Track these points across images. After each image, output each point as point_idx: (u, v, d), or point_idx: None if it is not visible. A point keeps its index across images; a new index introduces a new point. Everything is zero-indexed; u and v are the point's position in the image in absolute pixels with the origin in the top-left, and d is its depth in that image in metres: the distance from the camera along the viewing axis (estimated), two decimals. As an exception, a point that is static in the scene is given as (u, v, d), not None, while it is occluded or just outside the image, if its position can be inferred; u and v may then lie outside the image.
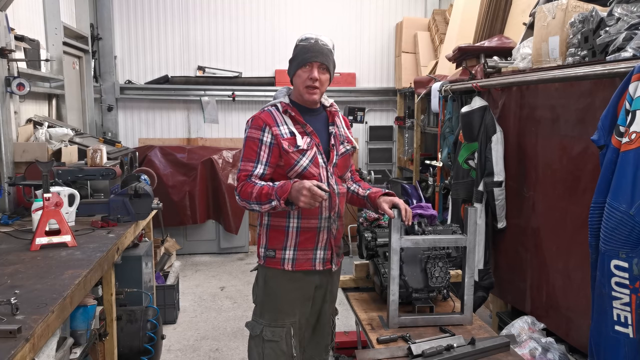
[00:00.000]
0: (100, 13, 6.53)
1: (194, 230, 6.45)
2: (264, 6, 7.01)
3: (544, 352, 2.71)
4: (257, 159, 2.24)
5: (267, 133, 2.25)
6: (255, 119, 2.29)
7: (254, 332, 2.35)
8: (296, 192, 2.08)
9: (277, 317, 2.33)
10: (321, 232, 2.31)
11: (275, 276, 2.34)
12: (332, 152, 2.34)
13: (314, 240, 2.31)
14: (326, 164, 2.31)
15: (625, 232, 2.03)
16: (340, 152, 2.37)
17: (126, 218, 3.09)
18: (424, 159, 5.61)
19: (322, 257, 2.34)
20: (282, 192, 2.11)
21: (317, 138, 2.30)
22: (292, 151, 2.23)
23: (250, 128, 2.28)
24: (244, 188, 2.21)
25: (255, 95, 6.87)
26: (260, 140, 2.25)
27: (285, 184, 2.13)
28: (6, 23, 3.42)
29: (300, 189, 2.07)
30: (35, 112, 4.29)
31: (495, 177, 3.36)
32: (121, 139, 6.61)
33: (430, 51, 6.51)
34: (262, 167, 2.24)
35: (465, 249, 2.40)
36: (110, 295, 2.80)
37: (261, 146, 2.24)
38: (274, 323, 2.33)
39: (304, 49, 2.25)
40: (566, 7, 2.83)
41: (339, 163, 2.36)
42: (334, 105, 2.45)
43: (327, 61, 2.25)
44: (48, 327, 1.74)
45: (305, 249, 2.31)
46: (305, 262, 2.32)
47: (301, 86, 2.27)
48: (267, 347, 2.31)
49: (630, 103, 2.05)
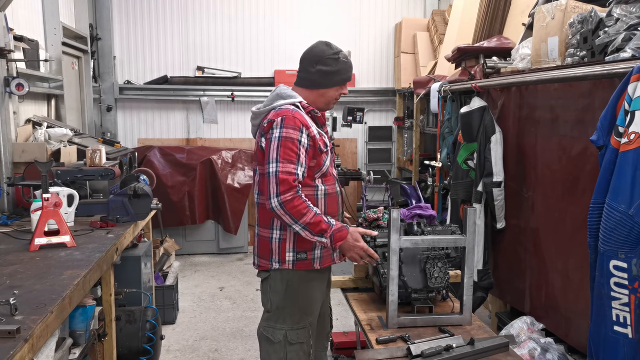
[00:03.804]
0: (99, 13, 6.53)
1: (193, 231, 6.44)
2: (263, 7, 7.01)
3: (543, 352, 2.71)
4: (297, 161, 2.18)
5: (304, 134, 2.20)
6: (290, 119, 2.20)
7: (276, 339, 2.30)
8: (351, 246, 2.23)
9: (301, 318, 2.32)
10: None
11: (304, 278, 2.31)
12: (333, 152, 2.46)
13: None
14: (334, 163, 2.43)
15: (624, 232, 2.03)
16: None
17: (125, 218, 3.08)
18: (423, 159, 5.61)
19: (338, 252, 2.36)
20: (338, 239, 2.18)
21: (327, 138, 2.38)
22: (324, 151, 2.29)
23: (285, 127, 2.19)
24: (295, 202, 2.13)
25: (254, 96, 6.86)
26: (299, 142, 2.19)
27: (342, 229, 2.20)
28: (5, 23, 3.42)
29: (356, 246, 2.23)
30: (34, 113, 4.28)
31: (495, 177, 3.36)
32: (120, 139, 6.60)
33: (429, 51, 6.51)
34: (302, 169, 2.19)
35: (465, 249, 2.40)
36: (109, 295, 2.80)
37: (300, 148, 2.19)
38: (297, 325, 2.31)
39: (348, 66, 2.34)
40: (565, 7, 2.83)
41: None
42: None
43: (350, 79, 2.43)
44: (47, 328, 1.74)
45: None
46: (327, 258, 2.36)
47: (332, 99, 2.37)
48: (292, 351, 2.29)
49: (629, 103, 2.06)
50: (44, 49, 4.42)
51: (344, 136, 7.07)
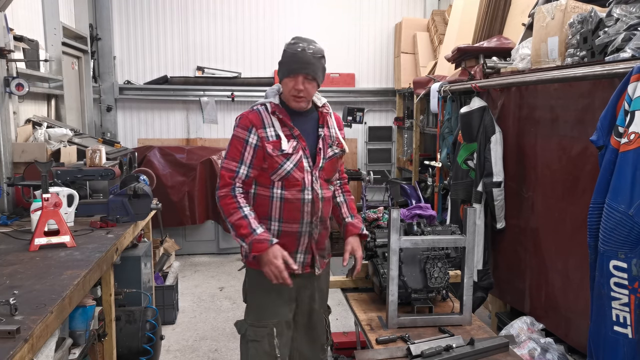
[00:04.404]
0: (99, 13, 6.53)
1: (193, 231, 6.44)
2: (263, 7, 7.01)
3: (543, 352, 2.71)
4: (241, 160, 2.24)
5: (253, 134, 2.23)
6: (243, 118, 2.27)
7: (240, 332, 2.40)
8: (267, 261, 2.17)
9: (260, 317, 2.34)
10: (302, 236, 2.30)
11: (258, 276, 2.30)
12: (318, 155, 2.31)
13: (295, 244, 2.30)
14: (311, 168, 2.28)
15: (624, 232, 2.03)
16: (327, 156, 2.33)
17: (125, 218, 3.08)
18: (423, 160, 5.61)
19: (302, 261, 2.33)
20: (257, 250, 2.17)
21: (303, 141, 2.27)
22: (276, 155, 2.21)
23: (237, 127, 2.27)
24: (227, 201, 2.23)
25: (254, 96, 6.86)
26: (246, 141, 2.24)
27: (263, 242, 2.16)
28: (5, 23, 3.42)
29: (271, 262, 2.16)
30: (34, 113, 4.28)
31: (494, 177, 3.36)
32: (120, 140, 6.60)
33: (429, 52, 6.51)
34: (245, 168, 2.25)
35: (464, 249, 2.40)
36: (109, 295, 2.80)
37: (246, 147, 2.24)
38: (257, 323, 2.34)
39: (292, 57, 2.20)
40: (565, 7, 2.83)
41: (325, 167, 2.33)
42: (327, 106, 2.40)
43: (313, 71, 2.20)
44: (47, 328, 1.73)
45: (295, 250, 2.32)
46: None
47: (288, 93, 2.25)
48: (251, 347, 2.34)
49: (629, 103, 2.06)
50: (44, 49, 4.42)
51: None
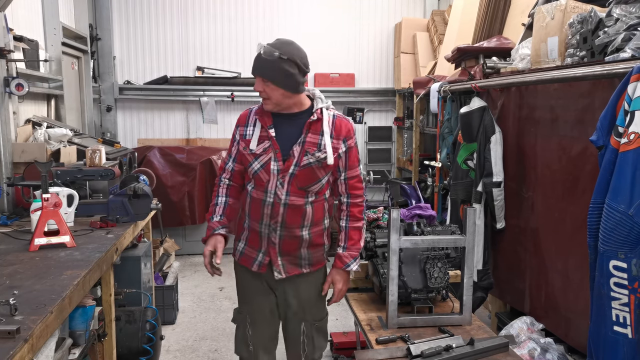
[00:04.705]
0: (99, 13, 6.52)
1: (193, 231, 6.44)
2: (263, 7, 7.01)
3: (542, 352, 2.71)
4: (230, 154, 2.45)
5: (237, 131, 2.40)
6: (240, 116, 2.45)
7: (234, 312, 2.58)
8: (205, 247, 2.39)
9: (240, 302, 2.52)
10: (263, 237, 2.34)
11: (236, 265, 2.52)
12: (290, 161, 2.25)
13: (258, 242, 2.36)
14: (279, 172, 2.26)
15: (624, 232, 2.03)
16: (302, 163, 2.25)
17: (125, 218, 3.08)
18: (423, 160, 5.61)
19: (260, 261, 2.37)
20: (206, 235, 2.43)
21: (276, 144, 2.26)
22: (247, 153, 2.32)
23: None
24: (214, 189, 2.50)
25: (254, 96, 6.85)
26: (234, 137, 2.42)
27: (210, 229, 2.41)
28: (5, 23, 3.42)
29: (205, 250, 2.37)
30: (34, 113, 4.28)
31: (494, 177, 3.36)
32: (120, 140, 6.60)
33: (429, 52, 6.51)
34: (231, 162, 2.44)
35: (464, 249, 2.40)
36: (109, 295, 2.80)
37: (233, 142, 2.43)
38: (237, 308, 2.53)
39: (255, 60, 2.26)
40: (565, 7, 2.83)
41: (299, 174, 2.25)
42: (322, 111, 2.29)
43: (266, 74, 2.20)
44: (47, 328, 1.73)
45: (252, 247, 2.40)
46: (247, 259, 2.41)
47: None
48: (237, 328, 2.53)
49: (629, 103, 2.06)
50: (43, 49, 4.42)
51: (344, 136, 7.06)
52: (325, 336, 2.51)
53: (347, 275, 2.41)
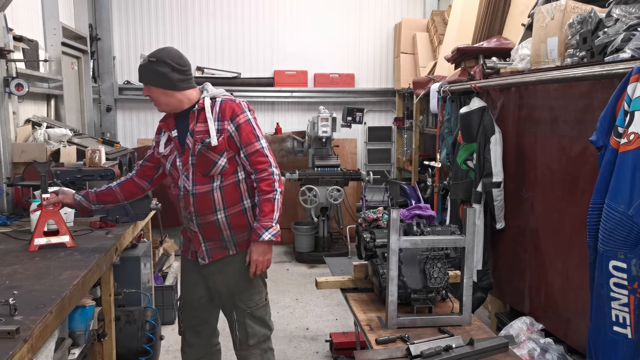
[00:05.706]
0: (99, 13, 6.53)
1: (192, 231, 6.43)
2: (262, 7, 7.01)
3: (542, 352, 2.71)
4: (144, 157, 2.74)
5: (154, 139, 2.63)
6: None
7: None
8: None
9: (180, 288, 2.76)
10: (186, 227, 2.57)
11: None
12: (187, 152, 2.45)
13: (187, 232, 2.60)
14: (182, 167, 2.47)
15: (623, 232, 2.03)
16: (196, 152, 2.41)
17: (125, 219, 3.08)
18: (423, 160, 5.61)
19: (191, 249, 2.58)
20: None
21: (177, 142, 2.47)
22: (160, 157, 2.57)
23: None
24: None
25: (254, 96, 6.86)
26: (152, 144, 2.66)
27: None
28: (5, 23, 3.42)
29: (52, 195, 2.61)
30: (34, 113, 4.28)
31: (494, 177, 3.36)
32: (120, 140, 6.60)
33: (429, 52, 6.51)
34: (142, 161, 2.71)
35: (464, 249, 2.40)
36: (108, 296, 2.80)
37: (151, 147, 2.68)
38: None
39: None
40: (565, 8, 2.83)
41: (197, 162, 2.43)
42: (204, 101, 2.41)
43: (143, 78, 2.47)
44: (46, 328, 1.73)
45: (185, 238, 2.63)
46: (185, 249, 2.64)
47: None
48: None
49: (629, 104, 2.06)
50: (43, 49, 4.42)
51: (344, 136, 7.07)
52: (262, 322, 2.57)
53: (264, 247, 2.43)
